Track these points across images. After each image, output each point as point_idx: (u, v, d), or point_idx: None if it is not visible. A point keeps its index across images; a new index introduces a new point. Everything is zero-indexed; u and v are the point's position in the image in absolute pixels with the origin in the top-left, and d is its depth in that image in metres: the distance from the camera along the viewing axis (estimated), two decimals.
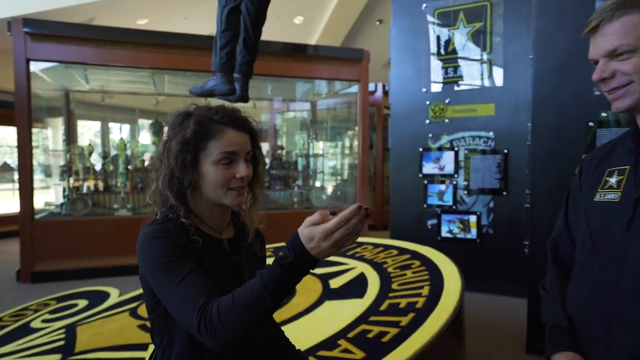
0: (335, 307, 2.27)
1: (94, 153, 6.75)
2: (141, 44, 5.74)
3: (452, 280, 2.39)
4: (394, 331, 1.86)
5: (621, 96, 0.96)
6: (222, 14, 2.41)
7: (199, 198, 1.05)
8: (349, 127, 8.29)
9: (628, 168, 1.01)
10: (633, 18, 0.91)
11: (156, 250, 0.95)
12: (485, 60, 4.70)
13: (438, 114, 4.90)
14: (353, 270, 2.82)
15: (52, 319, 2.91)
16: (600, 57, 0.97)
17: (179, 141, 1.00)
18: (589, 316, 1.01)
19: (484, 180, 4.72)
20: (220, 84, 2.49)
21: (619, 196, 1.00)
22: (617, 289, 0.95)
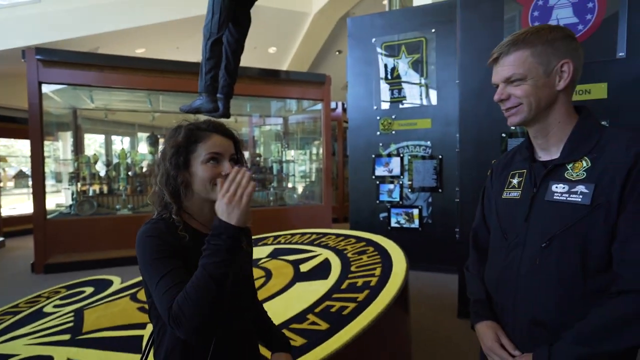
0: (305, 288, 2.25)
1: (99, 161, 6.47)
2: (139, 69, 5.57)
3: (399, 262, 2.41)
4: (352, 305, 1.85)
5: (514, 114, 1.00)
6: (206, 45, 2.36)
7: (190, 197, 1.01)
8: (315, 138, 8.28)
9: (525, 171, 1.05)
10: (523, 53, 0.95)
11: (147, 247, 0.92)
12: (423, 84, 4.79)
13: (386, 127, 4.96)
14: (319, 256, 2.80)
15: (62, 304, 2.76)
16: (499, 82, 1.00)
17: (172, 145, 0.99)
18: (500, 290, 1.04)
19: (424, 180, 4.81)
20: (205, 103, 2.44)
21: (519, 194, 1.03)
22: (519, 267, 0.98)
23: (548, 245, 0.93)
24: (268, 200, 7.10)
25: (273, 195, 7.13)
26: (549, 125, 0.99)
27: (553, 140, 1.00)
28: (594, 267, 0.89)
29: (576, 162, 0.94)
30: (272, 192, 7.13)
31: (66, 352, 1.70)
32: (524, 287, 0.97)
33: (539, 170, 1.00)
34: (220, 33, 2.34)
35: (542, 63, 0.94)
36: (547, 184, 0.97)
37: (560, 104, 0.97)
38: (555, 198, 0.94)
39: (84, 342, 1.80)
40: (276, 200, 7.13)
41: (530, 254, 0.96)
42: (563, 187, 0.94)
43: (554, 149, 1.00)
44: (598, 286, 0.89)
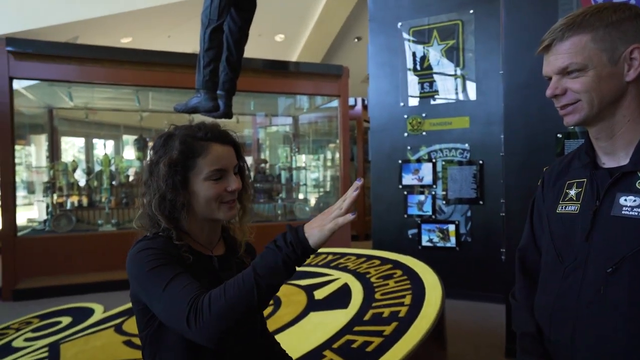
0: (320, 318, 2.26)
1: (78, 169, 6.62)
2: (125, 61, 5.70)
3: (432, 289, 2.40)
4: (377, 340, 1.85)
5: (570, 112, 0.99)
6: (205, 34, 2.41)
7: (191, 217, 1.03)
8: (331, 141, 8.33)
9: (585, 181, 1.03)
10: (582, 38, 0.93)
11: (143, 259, 0.93)
12: (459, 76, 4.79)
13: (415, 127, 4.96)
14: (337, 281, 2.81)
15: (34, 337, 2.81)
16: (553, 74, 0.99)
17: (167, 163, 0.99)
18: (555, 323, 1.02)
19: (461, 190, 4.78)
20: (204, 101, 2.49)
21: (577, 208, 1.02)
22: (579, 296, 0.96)
23: (616, 271, 0.91)
24: (276, 214, 7.15)
25: (281, 208, 7.18)
26: (616, 125, 0.97)
27: (620, 142, 0.98)
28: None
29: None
30: (280, 205, 7.18)
31: None
32: (586, 321, 0.95)
33: (602, 179, 0.99)
34: (220, 20, 2.39)
35: (606, 49, 0.92)
36: (614, 195, 0.95)
37: (630, 99, 0.95)
38: (624, 213, 0.92)
39: None
40: (285, 214, 7.17)
41: (593, 281, 0.94)
42: (634, 200, 0.92)
43: (622, 154, 0.98)
44: None
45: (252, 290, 0.82)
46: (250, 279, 0.83)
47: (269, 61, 6.57)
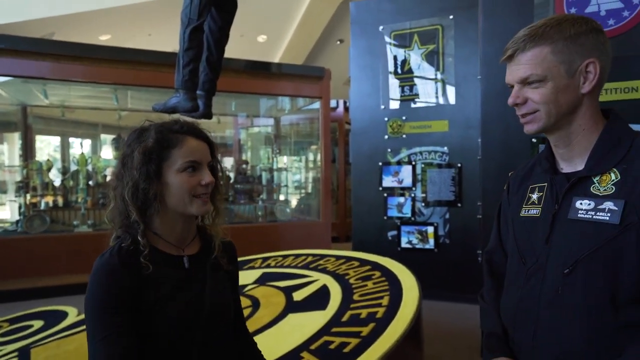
0: (299, 320, 2.26)
1: (53, 168, 6.48)
2: (103, 59, 5.61)
3: (410, 290, 2.43)
4: (355, 341, 1.86)
5: (530, 121, 1.01)
6: (184, 33, 2.39)
7: (162, 212, 1.02)
8: (312, 142, 8.34)
9: (546, 185, 1.06)
10: (543, 50, 0.96)
11: (95, 292, 0.95)
12: (439, 80, 4.85)
13: (396, 129, 5.00)
14: (316, 282, 2.81)
15: (4, 342, 2.74)
16: (514, 83, 1.01)
17: (141, 152, 0.98)
18: (518, 323, 1.04)
19: (440, 193, 4.84)
20: (183, 101, 2.46)
21: (539, 211, 1.05)
22: (540, 297, 0.99)
23: (572, 272, 0.94)
24: (256, 215, 7.11)
25: (262, 209, 7.15)
26: (572, 133, 1.01)
27: (577, 149, 1.01)
28: (626, 298, 0.89)
29: (603, 175, 0.95)
30: (261, 206, 7.15)
31: None
32: (545, 320, 0.97)
33: (561, 183, 1.02)
34: (201, 19, 2.38)
35: (564, 62, 0.95)
36: (570, 199, 0.98)
37: (585, 109, 0.99)
38: (580, 216, 0.95)
39: None
40: (266, 215, 7.14)
41: (552, 282, 0.97)
42: (589, 204, 0.95)
43: (578, 160, 1.02)
44: (632, 320, 0.89)
45: None
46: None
47: (250, 62, 6.55)
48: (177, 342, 0.99)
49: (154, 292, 0.97)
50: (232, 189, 6.93)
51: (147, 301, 0.97)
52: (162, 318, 0.97)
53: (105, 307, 0.93)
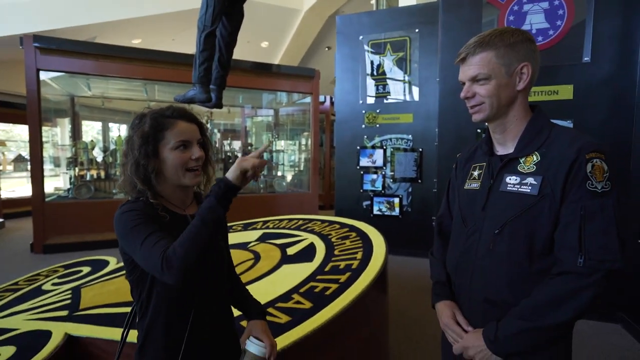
0: (291, 270, 2.26)
1: (96, 147, 6.34)
2: (135, 59, 5.42)
3: (379, 247, 2.44)
4: (334, 286, 1.87)
5: (477, 111, 1.02)
6: (200, 37, 2.31)
7: (163, 182, 0.99)
8: (304, 129, 8.24)
9: (484, 164, 1.07)
10: (488, 54, 0.97)
11: (126, 219, 0.91)
12: (406, 81, 4.80)
13: (371, 120, 4.96)
14: (305, 240, 2.81)
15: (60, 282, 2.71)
16: (465, 80, 1.02)
17: (140, 135, 0.95)
18: (459, 273, 1.07)
19: (405, 171, 4.85)
20: (199, 94, 2.40)
21: (479, 185, 1.06)
22: (476, 251, 1.01)
23: (500, 232, 0.96)
24: (258, 187, 7.07)
25: (263, 183, 7.10)
26: (507, 122, 1.01)
27: (509, 135, 1.02)
28: (539, 251, 0.93)
29: (528, 157, 0.97)
30: (262, 180, 7.10)
31: (64, 327, 1.69)
32: (480, 269, 1.00)
33: (495, 163, 1.04)
34: (214, 26, 2.29)
35: (504, 64, 0.96)
36: (502, 176, 1.00)
37: (519, 103, 1.00)
38: (509, 189, 0.97)
39: (81, 318, 1.79)
40: (266, 187, 7.11)
41: (486, 240, 1.00)
42: (515, 179, 0.97)
43: (510, 144, 1.03)
44: (542, 268, 0.93)
45: (201, 228, 0.85)
46: (198, 221, 0.86)
47: (255, 63, 6.38)
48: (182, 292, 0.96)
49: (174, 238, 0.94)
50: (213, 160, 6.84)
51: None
52: None
53: (140, 222, 0.90)
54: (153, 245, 0.86)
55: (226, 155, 6.98)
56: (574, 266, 0.87)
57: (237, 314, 1.18)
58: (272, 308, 1.69)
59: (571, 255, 0.88)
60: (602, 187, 0.87)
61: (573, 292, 0.86)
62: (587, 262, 0.86)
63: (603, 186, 0.87)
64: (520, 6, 2.95)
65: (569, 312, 0.86)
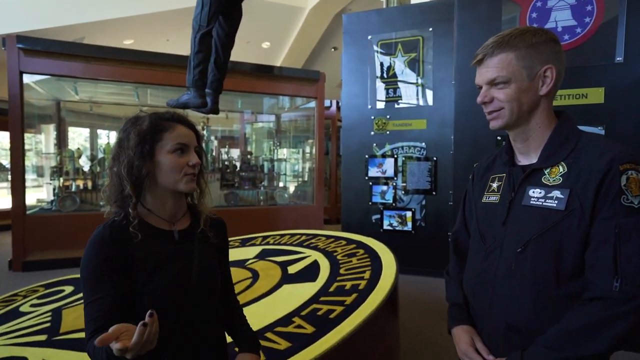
0: (292, 290, 2.25)
1: (83, 156, 6.42)
2: (126, 61, 5.51)
3: (389, 266, 2.42)
4: (339, 309, 1.86)
5: (495, 117, 1.01)
6: (195, 38, 2.35)
7: (154, 189, 1.01)
8: (308, 137, 8.28)
9: (504, 175, 1.06)
10: (508, 56, 0.96)
11: (87, 260, 0.94)
12: (419, 84, 4.82)
13: (381, 127, 4.98)
14: (308, 258, 2.80)
15: (40, 303, 2.72)
16: (483, 84, 1.02)
17: (137, 133, 0.98)
18: (477, 295, 1.06)
19: (418, 182, 4.83)
20: (193, 98, 2.43)
21: (498, 198, 1.05)
22: (496, 271, 1.00)
23: (523, 250, 0.95)
24: (258, 199, 7.08)
25: (263, 194, 7.12)
26: (530, 130, 1.01)
27: (533, 145, 1.02)
28: (568, 273, 0.91)
29: (553, 167, 0.96)
30: (263, 192, 7.11)
31: (41, 353, 1.68)
32: (500, 291, 0.99)
33: (517, 174, 1.03)
34: (210, 26, 2.33)
35: (525, 67, 0.96)
36: (525, 188, 0.99)
37: (542, 109, 0.99)
38: (532, 203, 0.96)
39: (61, 343, 1.78)
40: (267, 199, 7.12)
41: (507, 259, 0.98)
42: (540, 192, 0.96)
43: (533, 154, 1.02)
44: (571, 292, 0.91)
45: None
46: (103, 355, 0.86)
47: (255, 65, 6.46)
48: (165, 310, 0.95)
49: (143, 262, 0.96)
50: (237, 176, 6.88)
51: (136, 271, 0.95)
52: (151, 287, 0.95)
53: (94, 273, 0.92)
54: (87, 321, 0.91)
55: (224, 165, 7.02)
56: (608, 291, 0.84)
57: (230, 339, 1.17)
58: (270, 333, 1.68)
59: (605, 279, 0.85)
60: (638, 202, 0.86)
61: (609, 320, 0.83)
62: (624, 286, 0.83)
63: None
64: (544, 2, 2.97)
65: (604, 342, 0.83)
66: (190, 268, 1.02)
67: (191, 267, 1.02)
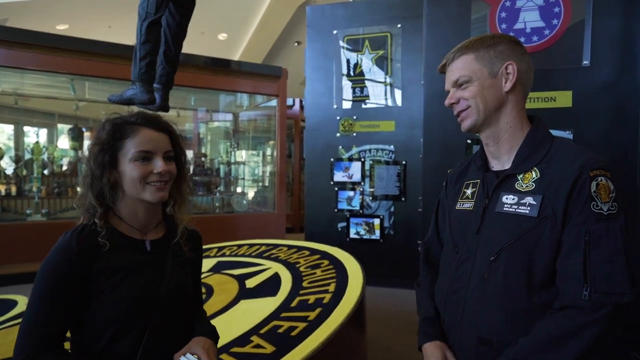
0: (250, 306, 2.23)
1: (5, 157, 6.05)
2: (59, 49, 5.26)
3: (355, 277, 2.45)
4: (302, 325, 1.86)
5: (464, 117, 1.08)
6: (142, 27, 2.29)
7: (122, 198, 1.03)
8: (269, 138, 8.25)
9: (478, 181, 1.11)
10: (468, 57, 1.06)
11: (47, 267, 0.95)
12: (388, 83, 4.93)
13: (347, 128, 5.04)
14: (268, 270, 2.78)
15: None
16: (449, 87, 1.10)
17: (96, 143, 1.00)
18: (448, 305, 1.09)
19: (386, 188, 4.92)
20: (139, 93, 2.36)
21: (472, 205, 1.09)
22: (469, 281, 1.03)
23: (496, 259, 0.99)
24: (213, 206, 6.97)
25: (219, 200, 7.01)
26: (500, 131, 1.06)
27: (504, 147, 1.07)
28: (539, 282, 0.95)
29: (526, 173, 1.01)
30: (219, 198, 7.01)
31: None
32: (472, 303, 1.02)
33: (491, 180, 1.07)
34: (158, 14, 2.28)
35: (486, 65, 1.04)
36: (499, 194, 1.04)
37: (511, 107, 1.05)
38: (505, 209, 1.00)
39: None
40: (223, 206, 7.01)
41: (480, 268, 1.02)
42: (513, 198, 1.00)
43: (506, 158, 1.07)
44: (543, 302, 0.95)
45: None
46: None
47: (211, 58, 6.38)
48: (132, 321, 0.99)
49: (112, 272, 0.97)
50: (190, 180, 6.74)
51: (103, 281, 0.97)
52: (118, 297, 0.97)
53: (51, 287, 0.94)
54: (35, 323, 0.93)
55: None
56: (578, 299, 0.89)
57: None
58: (226, 354, 1.66)
59: (575, 287, 0.90)
60: (608, 208, 0.91)
61: (577, 330, 0.88)
62: (593, 294, 0.88)
63: (609, 207, 0.91)
64: (512, 2, 3.14)
65: (572, 352, 0.88)
66: (160, 281, 1.04)
67: (161, 280, 1.04)
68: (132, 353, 0.98)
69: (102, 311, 0.97)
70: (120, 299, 0.97)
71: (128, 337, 0.98)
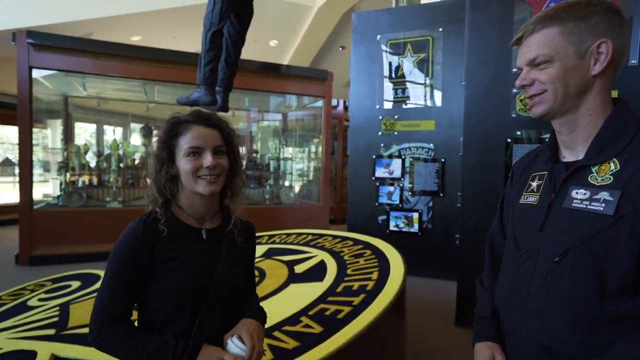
0: (299, 289, 2.26)
1: (89, 152, 6.47)
2: (134, 57, 5.55)
3: (396, 267, 2.42)
4: (347, 309, 1.87)
5: (537, 102, 0.89)
6: (206, 36, 2.37)
7: (181, 190, 1.06)
8: (315, 136, 8.29)
9: (546, 174, 0.94)
10: (551, 31, 0.84)
11: (118, 251, 1.00)
12: (428, 85, 4.81)
13: (389, 127, 4.97)
14: (315, 257, 2.81)
15: (47, 297, 2.75)
16: (523, 65, 0.90)
17: (157, 141, 1.05)
18: (509, 306, 0.94)
19: (425, 184, 4.83)
20: (203, 95, 2.45)
21: (537, 199, 0.93)
22: (530, 283, 0.88)
23: (561, 260, 0.83)
24: (264, 198, 7.11)
25: (269, 193, 7.14)
26: (578, 119, 0.87)
27: (581, 136, 0.88)
28: (614, 291, 0.78)
29: (603, 165, 0.83)
30: (268, 190, 7.14)
31: (50, 347, 1.71)
32: (533, 307, 0.87)
33: (560, 172, 0.89)
34: (221, 24, 2.35)
35: (573, 42, 0.83)
36: (567, 188, 0.86)
37: (596, 93, 0.85)
38: (574, 205, 0.83)
39: (69, 338, 1.81)
40: (272, 198, 7.14)
41: (542, 269, 0.86)
42: (584, 193, 0.83)
43: (580, 148, 0.88)
44: (619, 313, 0.78)
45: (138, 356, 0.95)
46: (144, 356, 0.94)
47: (263, 63, 6.48)
48: (185, 304, 1.00)
49: (169, 257, 1.00)
50: (243, 174, 6.91)
51: (161, 264, 0.99)
52: (174, 281, 0.99)
53: (120, 265, 0.98)
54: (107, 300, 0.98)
55: None
56: None
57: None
58: (278, 331, 1.69)
59: None
60: None
61: None
62: None
63: None
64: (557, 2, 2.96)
65: None
66: (214, 268, 1.05)
67: (215, 267, 1.05)
68: (187, 333, 1.00)
69: (159, 293, 0.99)
70: (176, 283, 0.99)
71: (182, 318, 1.00)
